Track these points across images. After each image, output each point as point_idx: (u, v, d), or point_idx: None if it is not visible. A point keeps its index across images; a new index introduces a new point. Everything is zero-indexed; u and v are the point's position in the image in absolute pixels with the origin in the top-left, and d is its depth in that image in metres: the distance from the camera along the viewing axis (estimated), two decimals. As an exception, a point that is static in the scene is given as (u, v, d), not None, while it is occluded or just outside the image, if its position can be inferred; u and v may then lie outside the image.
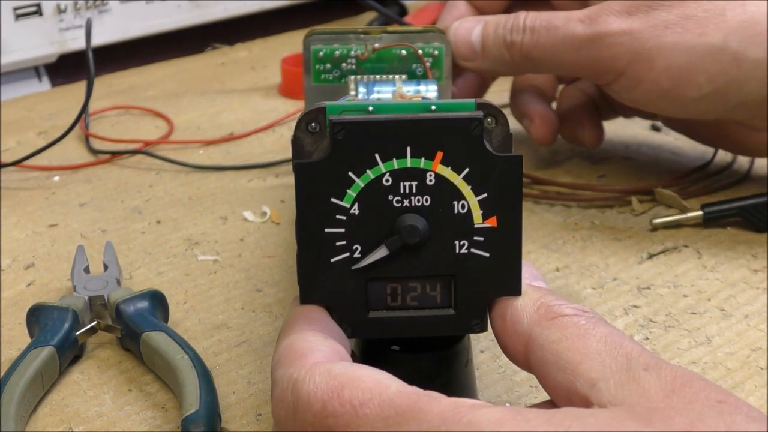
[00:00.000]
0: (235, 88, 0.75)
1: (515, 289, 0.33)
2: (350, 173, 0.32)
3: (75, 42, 0.74)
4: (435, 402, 0.27)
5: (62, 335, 0.40)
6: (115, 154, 0.63)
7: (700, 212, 0.51)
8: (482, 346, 0.42)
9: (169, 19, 0.79)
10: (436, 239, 0.33)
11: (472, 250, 0.33)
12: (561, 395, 0.30)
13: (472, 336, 0.39)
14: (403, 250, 0.33)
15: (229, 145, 0.64)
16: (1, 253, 0.51)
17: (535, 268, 0.35)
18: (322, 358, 0.30)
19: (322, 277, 0.33)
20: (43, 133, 0.67)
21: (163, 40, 0.80)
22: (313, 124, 0.33)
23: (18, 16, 0.72)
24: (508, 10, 0.55)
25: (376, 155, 0.32)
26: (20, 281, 0.48)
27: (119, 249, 0.50)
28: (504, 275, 0.33)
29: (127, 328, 0.41)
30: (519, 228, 0.33)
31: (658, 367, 0.28)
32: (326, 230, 0.33)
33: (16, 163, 0.59)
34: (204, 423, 0.35)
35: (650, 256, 0.49)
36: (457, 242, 0.33)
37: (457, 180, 0.32)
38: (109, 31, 0.76)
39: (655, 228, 0.51)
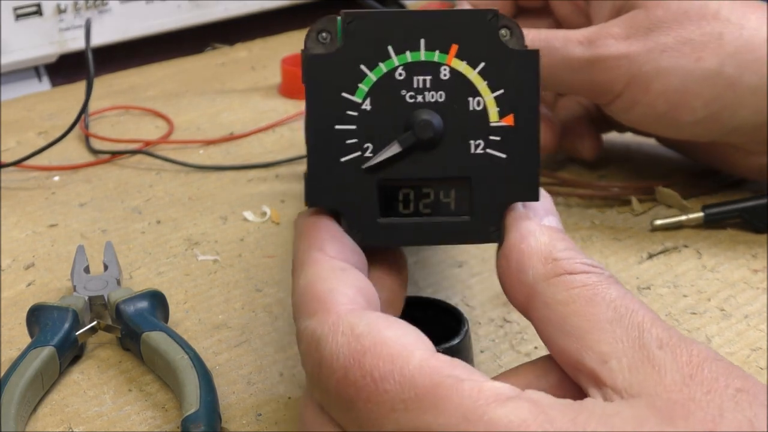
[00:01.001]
0: (235, 88, 0.75)
1: (533, 194, 0.32)
2: (362, 66, 0.31)
3: (75, 42, 0.74)
4: (457, 388, 0.26)
5: (62, 335, 0.40)
6: (115, 154, 0.63)
7: (701, 213, 0.51)
8: (482, 346, 0.42)
9: (169, 19, 0.79)
10: (450, 138, 0.32)
11: (488, 150, 0.32)
12: (566, 362, 0.29)
13: (473, 335, 0.39)
14: (416, 148, 0.32)
15: (229, 145, 0.64)
16: (1, 253, 0.51)
17: (549, 199, 0.34)
18: (346, 305, 0.29)
19: (332, 178, 0.32)
20: (43, 133, 0.67)
21: (163, 40, 0.80)
22: (323, 34, 0.32)
23: (18, 16, 0.72)
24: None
25: (389, 47, 0.31)
26: (20, 281, 0.48)
27: (119, 249, 0.50)
28: (521, 179, 0.32)
29: (127, 328, 0.41)
30: (537, 128, 0.32)
31: (671, 345, 0.28)
32: (336, 127, 0.31)
33: (16, 163, 0.59)
34: (204, 423, 0.35)
35: (650, 256, 0.49)
36: (472, 142, 0.32)
37: (473, 75, 0.31)
38: (109, 31, 0.76)
39: (655, 229, 0.51)
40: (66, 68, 0.76)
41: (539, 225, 0.32)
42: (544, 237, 0.31)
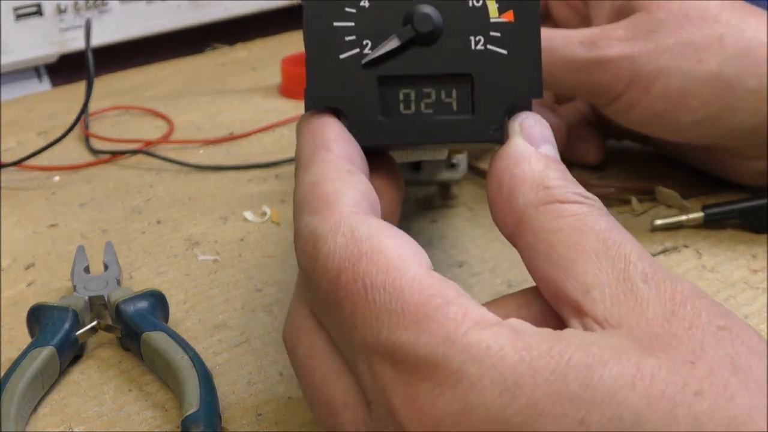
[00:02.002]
0: (235, 88, 0.75)
1: (535, 91, 0.32)
2: None
3: (75, 42, 0.74)
4: (443, 309, 0.26)
5: (62, 335, 0.40)
6: (115, 154, 0.63)
7: (701, 213, 0.51)
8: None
9: (169, 19, 0.79)
10: (450, 34, 0.31)
11: (489, 46, 0.32)
12: (548, 291, 0.29)
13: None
14: (416, 43, 0.31)
15: (229, 145, 0.64)
16: (2, 253, 0.51)
17: (548, 127, 0.33)
18: (348, 206, 0.29)
19: (332, 77, 0.32)
20: (43, 133, 0.67)
21: (163, 40, 0.80)
22: None
23: (18, 16, 0.72)
24: None
25: None
26: (20, 281, 0.48)
27: (119, 249, 0.50)
28: (523, 75, 0.32)
29: (127, 328, 0.41)
30: (537, 24, 0.32)
31: (656, 280, 0.27)
32: (335, 24, 0.31)
33: (16, 163, 0.59)
34: (204, 423, 0.35)
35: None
36: (472, 38, 0.32)
37: None
38: (109, 31, 0.76)
39: (655, 229, 0.51)
40: (66, 68, 0.76)
41: (535, 152, 0.31)
42: (539, 164, 0.31)
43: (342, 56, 0.32)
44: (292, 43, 0.82)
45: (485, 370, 0.25)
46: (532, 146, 0.31)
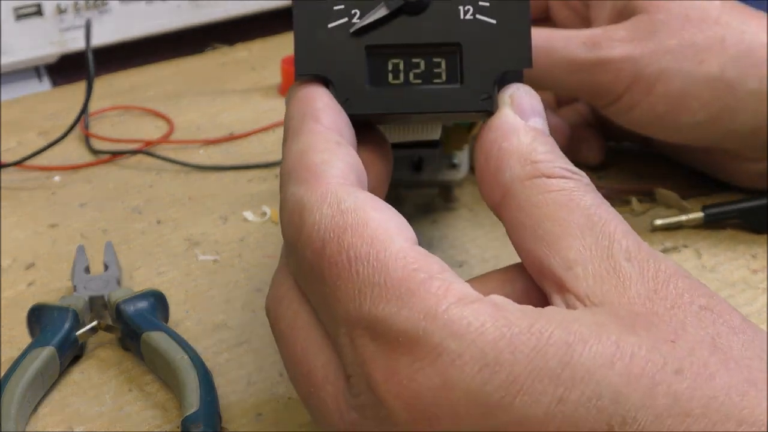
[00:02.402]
0: (235, 88, 0.75)
1: (524, 61, 0.32)
2: None
3: (75, 42, 0.74)
4: (426, 284, 0.26)
5: (62, 335, 0.40)
6: (115, 154, 0.63)
7: (701, 213, 0.51)
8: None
9: (169, 20, 0.79)
10: (438, 3, 0.31)
11: (478, 16, 0.32)
12: (532, 265, 0.29)
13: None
14: (404, 11, 0.31)
15: (229, 145, 0.64)
16: (2, 253, 0.51)
17: (538, 99, 0.33)
18: (336, 177, 0.29)
19: (320, 45, 0.32)
20: (43, 133, 0.67)
21: (163, 40, 0.80)
22: None
23: (18, 17, 0.72)
24: None
25: None
26: (21, 281, 0.48)
27: (119, 249, 0.50)
28: (512, 45, 0.31)
29: (128, 328, 0.41)
30: None
31: (640, 258, 0.27)
32: None
33: (16, 164, 0.59)
34: (204, 423, 0.35)
35: (650, 257, 0.49)
36: (461, 7, 0.32)
37: None
38: (109, 31, 0.76)
39: (655, 229, 0.51)
40: (66, 68, 0.76)
41: (524, 125, 0.31)
42: (527, 138, 0.31)
43: (330, 25, 0.32)
44: (292, 43, 0.82)
45: (465, 346, 0.25)
46: (521, 118, 0.31)
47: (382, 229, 0.28)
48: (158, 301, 0.43)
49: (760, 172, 0.51)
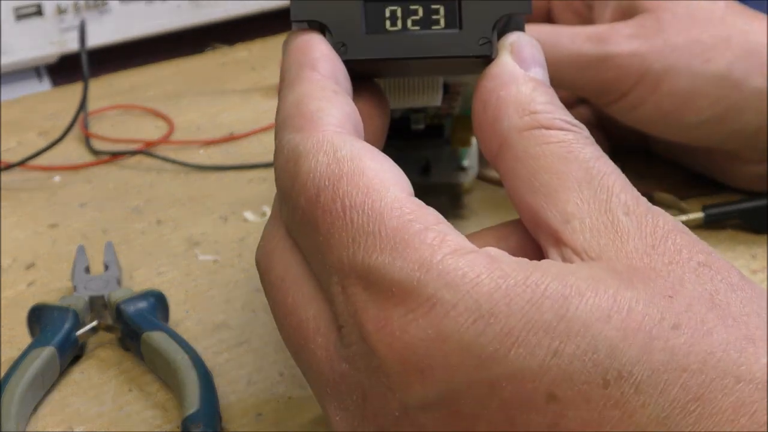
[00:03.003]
0: (235, 88, 0.75)
1: (524, 6, 0.31)
2: None
3: (75, 42, 0.74)
4: (420, 235, 0.26)
5: (63, 335, 0.40)
6: (115, 155, 0.63)
7: (701, 214, 0.51)
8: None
9: (169, 20, 0.79)
10: None
11: None
12: (528, 217, 0.29)
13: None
14: None
15: (229, 145, 0.64)
16: (2, 253, 0.51)
17: (539, 49, 0.32)
18: (332, 125, 0.29)
19: None
20: (43, 134, 0.67)
21: (163, 40, 0.80)
22: None
23: (18, 17, 0.72)
24: None
25: None
26: (21, 281, 0.48)
27: (119, 249, 0.50)
28: None
29: (128, 328, 0.41)
30: None
31: (638, 213, 0.27)
32: None
33: (16, 165, 0.59)
34: (204, 423, 0.35)
35: (650, 257, 0.49)
36: None
37: None
38: (109, 31, 0.76)
39: (655, 228, 0.51)
40: (66, 68, 0.76)
41: (523, 74, 0.31)
42: (526, 87, 0.30)
43: None
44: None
45: (460, 297, 0.25)
46: (521, 68, 0.31)
47: (378, 178, 0.27)
48: (158, 301, 0.43)
49: (761, 175, 0.51)
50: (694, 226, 0.51)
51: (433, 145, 0.50)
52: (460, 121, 0.48)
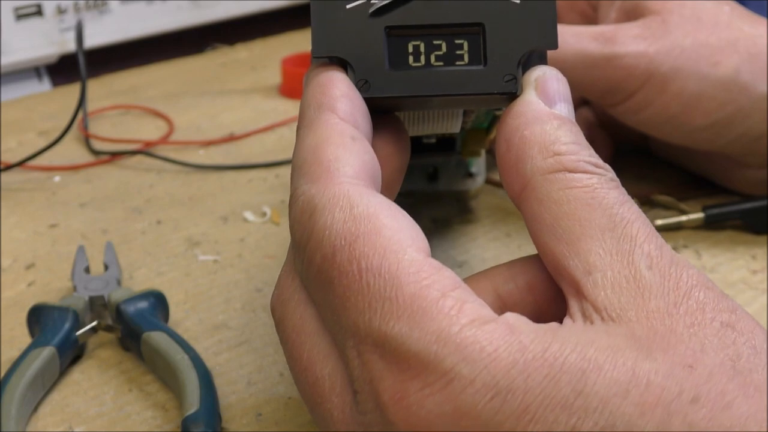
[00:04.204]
0: (236, 89, 0.75)
1: (550, 41, 0.31)
2: None
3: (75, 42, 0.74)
4: (438, 304, 0.25)
5: (63, 335, 0.40)
6: (115, 155, 0.63)
7: (702, 214, 0.51)
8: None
9: (169, 20, 0.79)
10: None
11: None
12: (551, 264, 0.28)
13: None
14: None
15: (229, 145, 0.64)
16: (2, 253, 0.51)
17: (565, 83, 0.31)
18: (349, 177, 0.28)
19: (338, 26, 0.30)
20: (43, 134, 0.67)
21: (163, 40, 0.80)
22: None
23: (18, 17, 0.72)
24: None
25: None
26: (21, 281, 0.48)
27: (120, 249, 0.50)
28: (537, 25, 0.30)
29: (128, 328, 0.41)
30: None
31: (661, 266, 0.27)
32: None
33: (16, 165, 0.59)
34: (204, 423, 0.35)
35: (650, 257, 0.49)
36: None
37: None
38: (109, 31, 0.76)
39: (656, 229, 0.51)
40: (66, 68, 0.76)
41: (548, 111, 0.30)
42: (551, 126, 0.29)
43: (349, 6, 0.31)
44: (293, 43, 0.82)
45: (477, 373, 0.25)
46: (546, 104, 0.30)
47: (396, 238, 0.27)
48: (158, 301, 0.43)
49: (761, 180, 0.51)
50: (695, 227, 0.51)
51: (443, 155, 0.49)
52: (471, 135, 0.47)
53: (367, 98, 0.31)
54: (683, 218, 0.51)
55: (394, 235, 0.27)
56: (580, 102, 0.57)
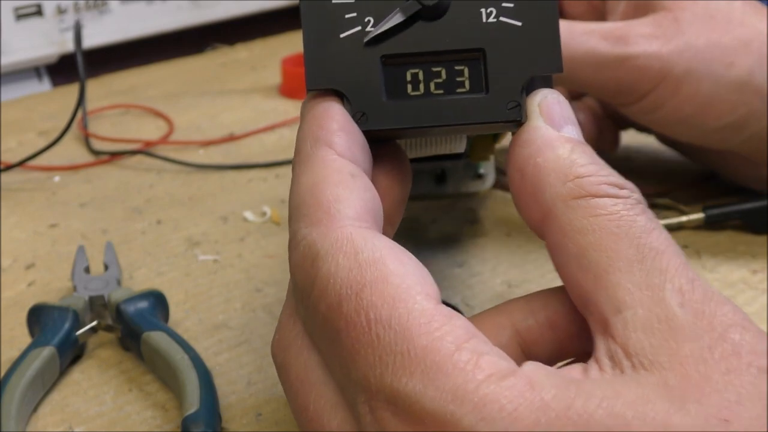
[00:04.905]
0: (236, 89, 0.75)
1: (554, 65, 0.29)
2: None
3: (75, 42, 0.74)
4: (453, 359, 0.24)
5: (63, 335, 0.40)
6: (115, 155, 0.63)
7: (702, 214, 0.51)
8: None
9: (169, 20, 0.79)
10: (458, 7, 0.29)
11: (501, 18, 0.29)
12: (578, 298, 0.27)
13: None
14: (421, 17, 0.29)
15: (229, 145, 0.64)
16: (2, 253, 0.51)
17: (568, 105, 0.30)
18: (350, 218, 0.27)
19: (332, 57, 0.29)
20: (43, 134, 0.67)
21: (163, 40, 0.80)
22: None
23: (18, 17, 0.72)
24: None
25: None
26: (21, 281, 0.48)
27: (119, 249, 0.50)
28: (540, 48, 0.29)
29: (128, 328, 0.41)
30: None
31: (694, 302, 0.25)
32: (334, 1, 0.29)
33: (16, 165, 0.59)
34: (204, 423, 0.35)
35: (650, 257, 0.49)
36: (483, 10, 0.30)
37: None
38: (109, 30, 0.76)
39: (655, 229, 0.51)
40: (66, 68, 0.76)
41: (558, 135, 0.28)
42: (564, 150, 0.28)
43: (342, 35, 0.30)
44: (293, 43, 0.82)
45: None
46: (553, 129, 0.29)
47: (404, 286, 0.25)
48: (158, 301, 0.43)
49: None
50: (695, 227, 0.51)
51: (449, 159, 0.48)
52: (479, 141, 0.45)
53: (366, 131, 0.30)
54: (683, 218, 0.51)
55: (402, 282, 0.26)
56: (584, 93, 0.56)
